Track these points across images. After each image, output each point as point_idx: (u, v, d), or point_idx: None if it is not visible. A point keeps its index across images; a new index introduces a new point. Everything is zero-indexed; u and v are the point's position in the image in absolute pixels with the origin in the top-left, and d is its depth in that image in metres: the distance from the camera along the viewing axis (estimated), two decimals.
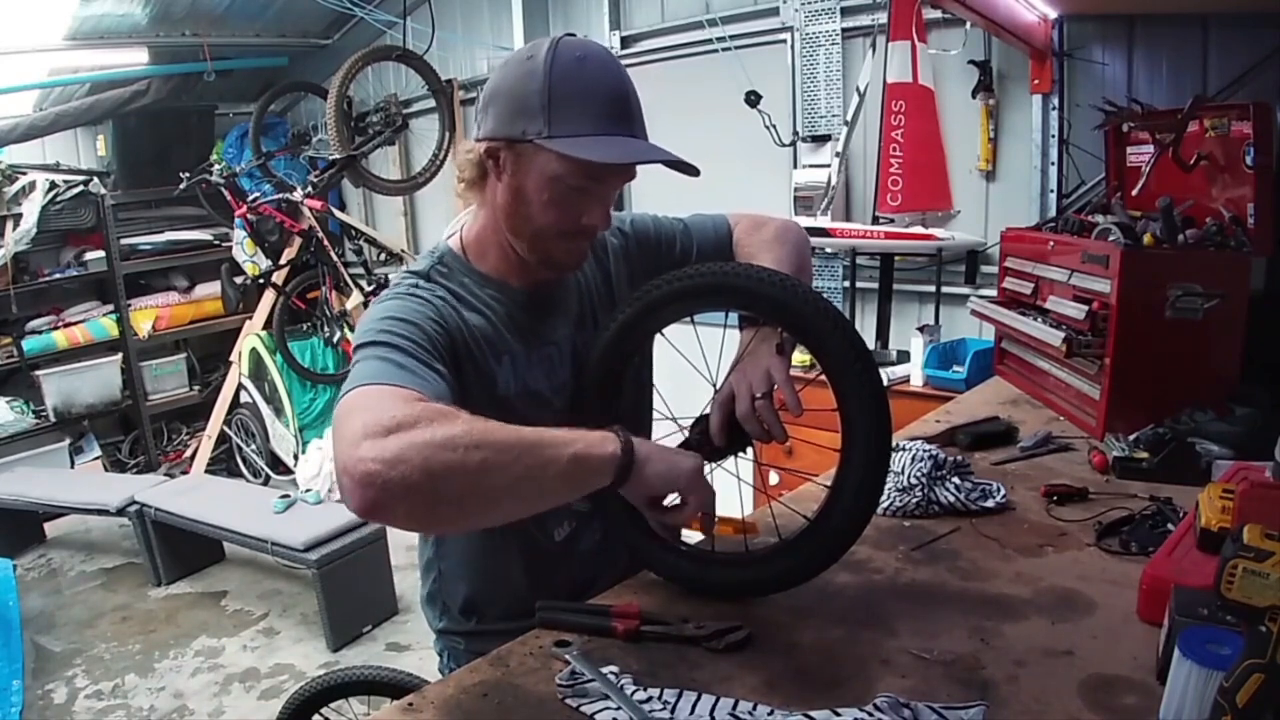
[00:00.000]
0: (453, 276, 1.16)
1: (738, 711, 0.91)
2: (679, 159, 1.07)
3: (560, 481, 0.92)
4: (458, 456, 0.83)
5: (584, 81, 1.03)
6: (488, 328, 1.13)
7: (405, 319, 1.03)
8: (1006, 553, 1.28)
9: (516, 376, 1.15)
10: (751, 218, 1.37)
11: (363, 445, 0.82)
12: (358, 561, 3.29)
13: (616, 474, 0.95)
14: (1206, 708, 0.77)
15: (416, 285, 1.12)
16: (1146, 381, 1.71)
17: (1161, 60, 2.50)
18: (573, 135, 1.02)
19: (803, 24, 3.24)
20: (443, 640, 1.36)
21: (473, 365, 1.11)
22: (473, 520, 0.95)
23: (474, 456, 0.84)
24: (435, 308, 1.09)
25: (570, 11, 4.07)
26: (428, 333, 1.03)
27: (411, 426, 0.83)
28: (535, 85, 1.02)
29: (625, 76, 1.08)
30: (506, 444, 0.87)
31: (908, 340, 2.86)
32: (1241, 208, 1.90)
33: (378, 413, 0.85)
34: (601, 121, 1.03)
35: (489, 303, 1.15)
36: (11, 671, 2.81)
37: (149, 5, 4.22)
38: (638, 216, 1.34)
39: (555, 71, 1.02)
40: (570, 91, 1.02)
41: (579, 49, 1.05)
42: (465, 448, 0.83)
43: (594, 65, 1.04)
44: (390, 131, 4.52)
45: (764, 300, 1.06)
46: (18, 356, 4.71)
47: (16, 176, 4.61)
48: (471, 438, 0.84)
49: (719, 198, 3.84)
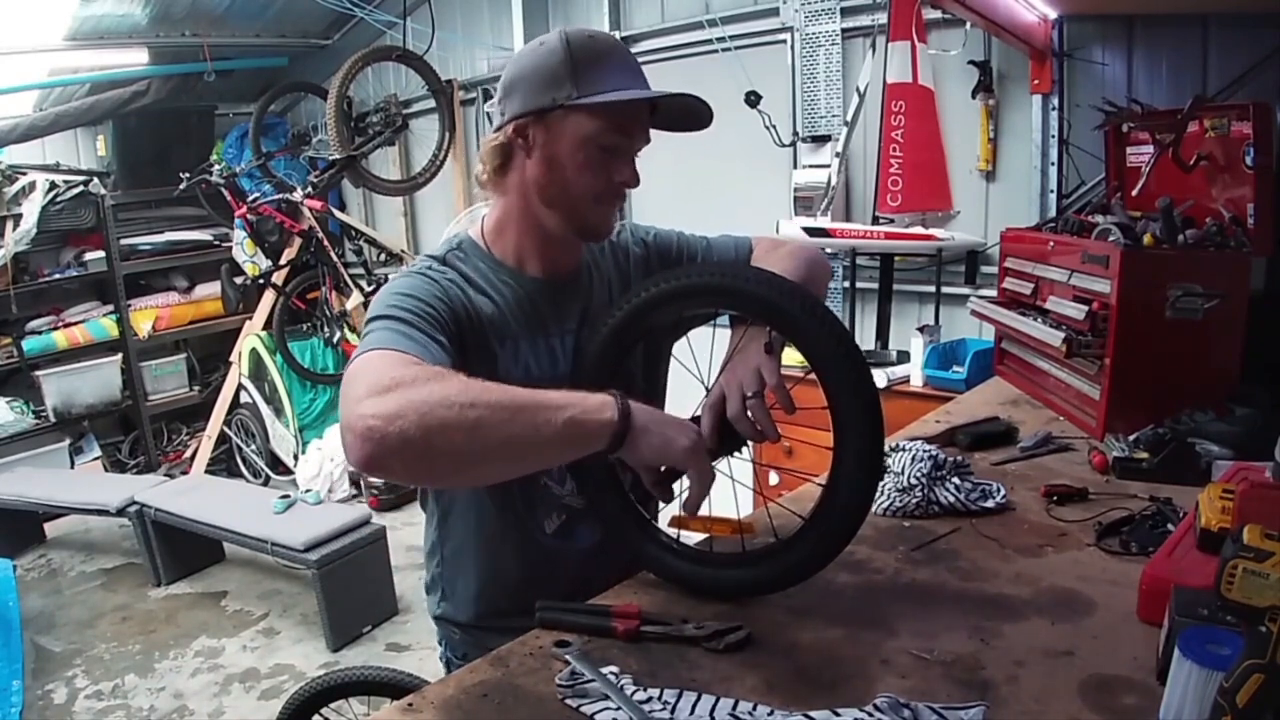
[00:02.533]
0: (468, 261, 1.20)
1: (738, 711, 0.90)
2: (693, 95, 1.17)
3: (555, 443, 0.94)
4: (454, 414, 0.87)
5: (599, 50, 1.13)
6: (494, 311, 1.17)
7: (413, 295, 1.09)
8: (1006, 553, 1.28)
9: (517, 362, 1.18)
10: (773, 239, 1.41)
11: (365, 403, 0.86)
12: (358, 561, 3.29)
13: (611, 441, 0.96)
14: (1206, 708, 0.77)
15: (430, 267, 1.17)
16: (1146, 381, 1.71)
17: (1161, 60, 2.50)
18: (599, 93, 1.10)
19: (803, 24, 3.24)
20: (441, 628, 1.38)
21: (475, 345, 1.15)
22: (469, 474, 1.00)
23: (470, 414, 0.87)
24: (443, 287, 1.13)
25: (570, 12, 4.06)
26: (434, 308, 1.08)
27: (410, 384, 0.88)
28: (557, 59, 1.11)
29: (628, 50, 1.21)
30: (501, 403, 0.90)
31: (908, 340, 2.86)
32: (1241, 208, 1.90)
33: (380, 374, 0.90)
34: (624, 77, 1.13)
35: (500, 288, 1.19)
36: (11, 671, 2.81)
37: (149, 5, 4.22)
38: (663, 230, 1.38)
39: (574, 45, 1.12)
40: (590, 58, 1.11)
41: (587, 30, 1.15)
42: (461, 405, 0.87)
43: (603, 39, 1.16)
44: (390, 132, 4.52)
45: (744, 296, 1.07)
46: (18, 356, 4.71)
47: (16, 176, 4.61)
48: (468, 395, 0.88)
49: (719, 198, 3.86)
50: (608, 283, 1.28)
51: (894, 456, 1.51)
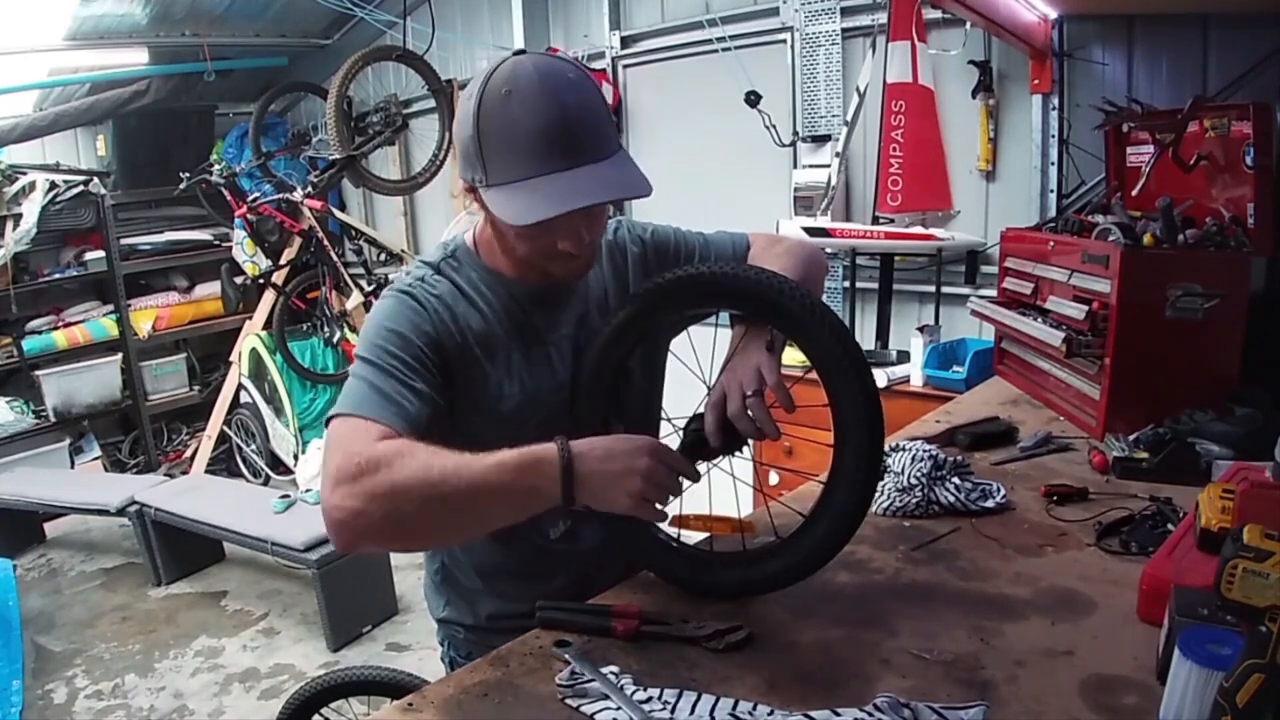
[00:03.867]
0: (461, 270, 1.18)
1: (738, 711, 0.91)
2: (619, 197, 1.04)
3: (515, 510, 1.01)
4: (413, 506, 0.93)
5: (510, 121, 0.99)
6: (483, 326, 1.15)
7: (397, 330, 1.08)
8: (1006, 553, 1.28)
9: (511, 376, 1.17)
10: (770, 235, 1.38)
11: (335, 492, 0.93)
12: (358, 561, 3.28)
13: (564, 495, 0.96)
14: (1206, 708, 0.77)
15: (422, 279, 1.16)
16: (1146, 381, 1.71)
17: (1161, 60, 2.49)
18: (509, 182, 1.00)
19: (803, 24, 3.24)
20: (444, 629, 1.37)
21: (464, 366, 1.13)
22: (440, 544, 1.11)
23: (431, 505, 0.93)
24: (428, 313, 1.11)
25: (570, 11, 4.06)
26: (417, 343, 1.08)
27: (374, 473, 0.92)
28: (469, 131, 1.02)
29: (563, 99, 0.99)
30: (459, 487, 0.94)
31: (908, 340, 2.86)
32: (1241, 208, 1.90)
33: (348, 455, 0.95)
34: (537, 160, 0.99)
35: (490, 298, 1.17)
36: (11, 671, 2.81)
37: (149, 5, 4.22)
38: (660, 227, 1.34)
39: (482, 114, 1.00)
40: (498, 134, 1.00)
41: (507, 81, 0.99)
42: (421, 497, 0.92)
43: (521, 99, 0.98)
44: (390, 131, 4.52)
45: (743, 295, 1.07)
46: (18, 356, 4.70)
47: (16, 176, 4.61)
48: (428, 483, 0.92)
49: (719, 198, 3.85)
50: (604, 284, 1.26)
51: (894, 456, 1.51)
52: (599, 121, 1.04)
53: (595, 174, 1.01)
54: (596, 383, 1.18)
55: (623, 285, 1.26)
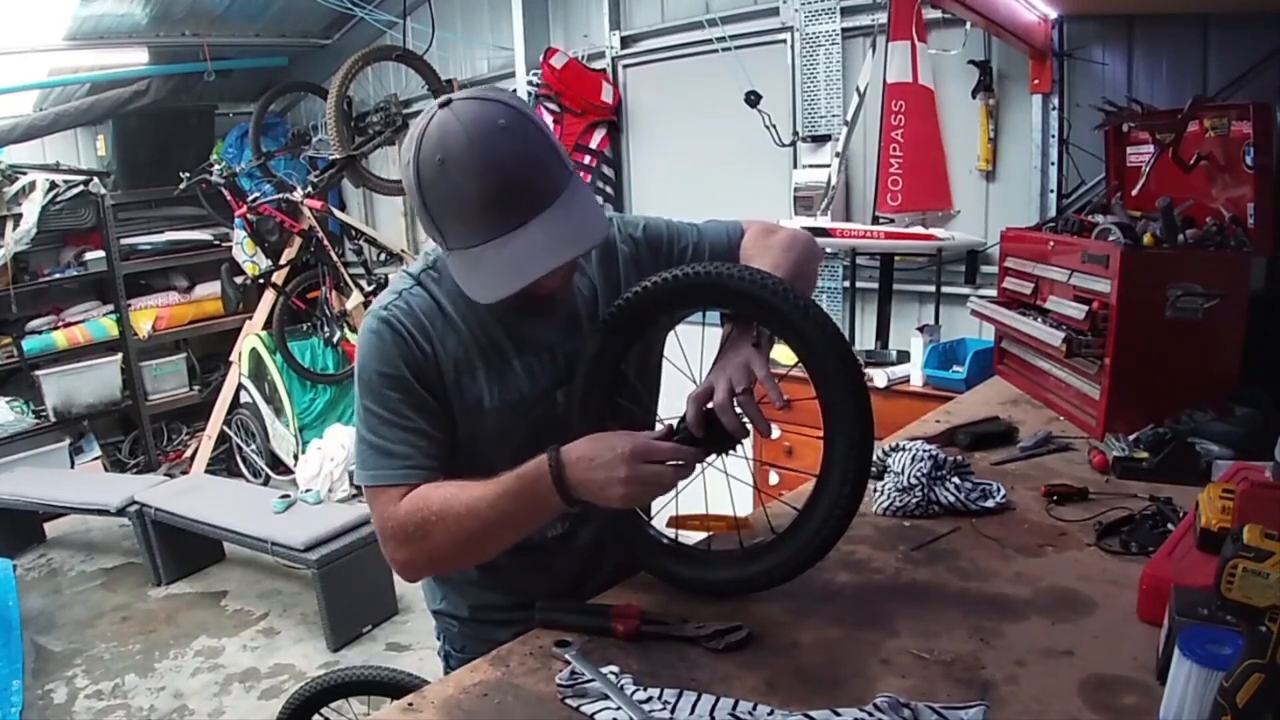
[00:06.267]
0: (441, 282, 1.17)
1: (738, 711, 0.91)
2: (575, 253, 1.04)
3: (533, 521, 1.10)
4: (458, 548, 1.09)
5: (452, 190, 0.99)
6: (459, 346, 1.15)
7: (384, 371, 1.12)
8: (1006, 553, 1.28)
9: (490, 385, 1.16)
10: (763, 224, 1.34)
11: (386, 547, 1.12)
12: (358, 561, 3.28)
13: (565, 502, 1.04)
14: (1206, 708, 0.77)
15: (400, 296, 1.16)
16: (1146, 381, 1.71)
17: (1161, 60, 2.49)
18: (467, 247, 1.02)
19: (803, 24, 3.24)
20: (440, 621, 1.38)
21: (447, 385, 1.16)
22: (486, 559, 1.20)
23: (460, 550, 1.10)
24: (409, 344, 1.13)
25: (570, 11, 4.06)
26: (407, 381, 1.13)
27: (414, 537, 1.08)
28: (416, 200, 1.03)
29: (498, 158, 0.97)
30: (477, 529, 1.06)
31: (908, 340, 2.85)
32: (1241, 208, 1.89)
33: (383, 518, 1.11)
34: (488, 225, 0.99)
35: (467, 313, 1.15)
36: (11, 671, 2.81)
37: (149, 5, 4.22)
38: (651, 222, 1.31)
39: (424, 186, 1.01)
40: (444, 205, 1.01)
41: (438, 148, 0.98)
42: (455, 542, 1.07)
43: (456, 165, 0.97)
44: (390, 131, 4.51)
45: (731, 294, 1.07)
46: (18, 356, 4.71)
47: (16, 176, 4.61)
48: (461, 528, 1.06)
49: (719, 197, 3.85)
50: (596, 286, 1.24)
51: (894, 456, 1.51)
52: (541, 166, 1.02)
53: (549, 228, 1.00)
54: (591, 385, 1.18)
55: (614, 286, 1.24)
